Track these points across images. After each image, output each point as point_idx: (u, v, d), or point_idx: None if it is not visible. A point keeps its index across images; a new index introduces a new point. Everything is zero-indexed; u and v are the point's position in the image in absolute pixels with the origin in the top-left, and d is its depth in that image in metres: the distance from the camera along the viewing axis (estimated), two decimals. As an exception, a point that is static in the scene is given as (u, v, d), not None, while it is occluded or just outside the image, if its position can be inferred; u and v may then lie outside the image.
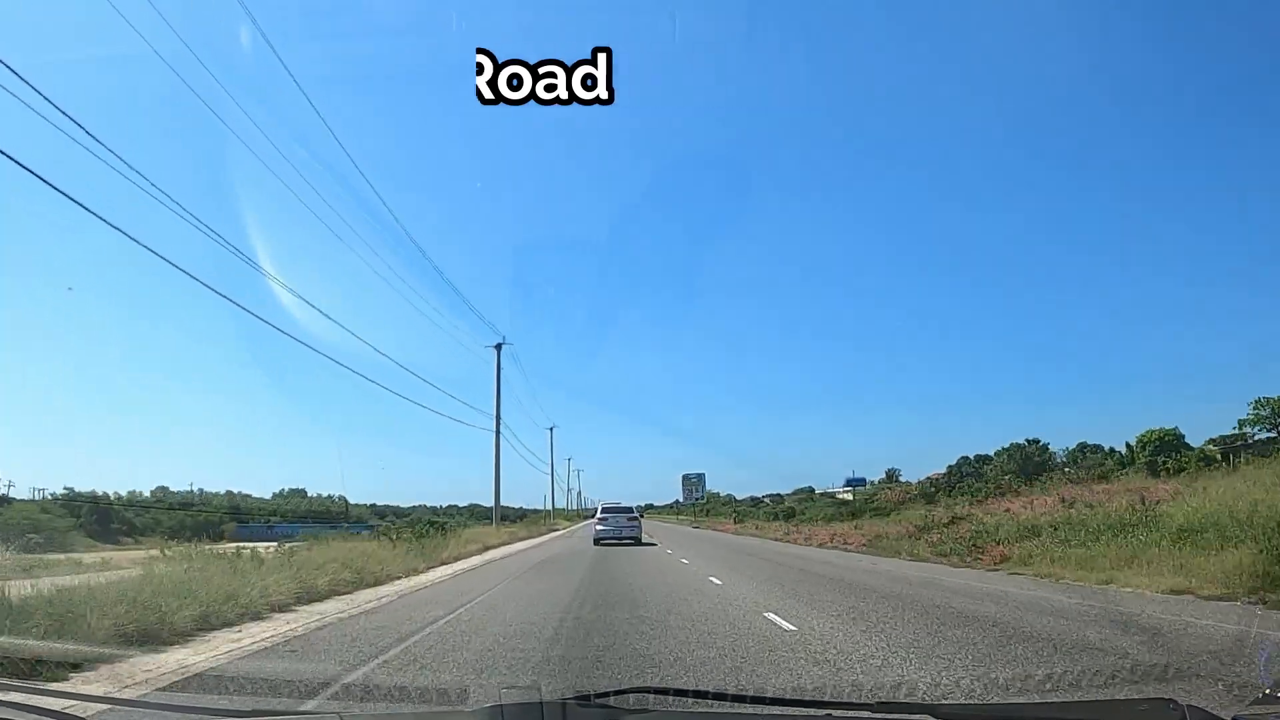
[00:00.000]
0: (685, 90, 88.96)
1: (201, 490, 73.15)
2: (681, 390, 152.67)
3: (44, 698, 3.49)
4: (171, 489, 69.85)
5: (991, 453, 66.16)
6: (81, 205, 10.64)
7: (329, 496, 76.24)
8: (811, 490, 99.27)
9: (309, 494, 78.45)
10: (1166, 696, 2.77)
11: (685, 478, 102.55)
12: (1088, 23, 65.85)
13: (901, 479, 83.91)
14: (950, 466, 69.87)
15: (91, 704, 4.49)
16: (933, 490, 62.90)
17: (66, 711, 2.85)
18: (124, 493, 61.00)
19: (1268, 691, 5.20)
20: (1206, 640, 7.96)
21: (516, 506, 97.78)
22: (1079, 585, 13.61)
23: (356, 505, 76.57)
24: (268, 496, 76.83)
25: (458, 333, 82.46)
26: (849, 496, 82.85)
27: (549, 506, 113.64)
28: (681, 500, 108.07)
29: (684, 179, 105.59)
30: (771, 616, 9.98)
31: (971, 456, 69.54)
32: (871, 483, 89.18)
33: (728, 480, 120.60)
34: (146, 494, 65.24)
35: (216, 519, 54.71)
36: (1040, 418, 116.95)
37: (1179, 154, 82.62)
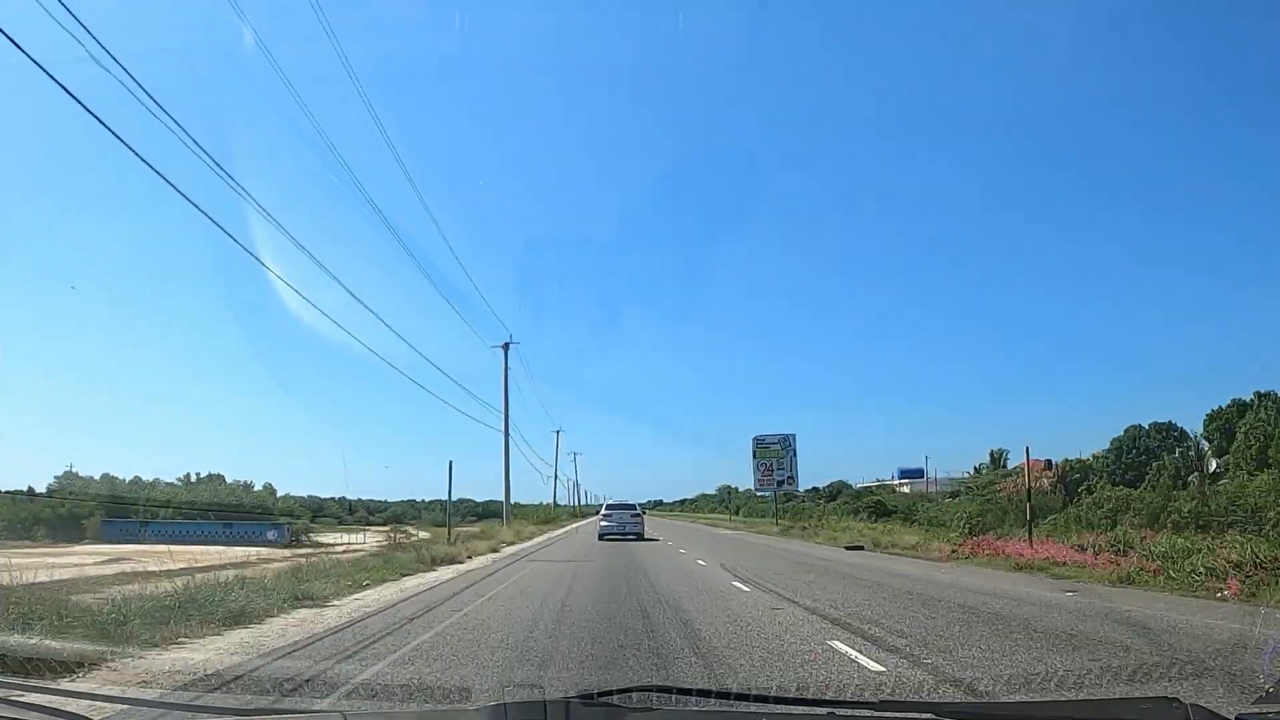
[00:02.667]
0: (692, 85, 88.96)
1: (112, 476, 59.68)
2: (689, 388, 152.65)
3: (58, 698, 3.54)
4: (80, 474, 57.75)
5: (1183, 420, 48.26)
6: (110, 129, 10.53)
7: (247, 484, 64.49)
8: (847, 485, 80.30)
9: (228, 481, 65.12)
10: (1170, 695, 2.77)
11: (760, 445, 58.42)
12: (1109, 17, 65.38)
13: (1009, 464, 65.43)
14: (1115, 440, 51.85)
15: (106, 704, 4.53)
16: (1077, 476, 46.94)
17: (81, 712, 2.88)
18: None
19: (1271, 690, 5.22)
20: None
21: (513, 503, 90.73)
22: None
23: (287, 497, 63.88)
24: (171, 482, 63.51)
25: (457, 322, 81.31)
26: (906, 490, 69.93)
27: (544, 500, 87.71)
28: (755, 488, 64.77)
29: (695, 173, 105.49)
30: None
31: (1146, 426, 50.90)
32: (920, 475, 73.03)
33: (738, 478, 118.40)
34: (52, 479, 53.81)
35: (86, 511, 44.87)
36: (1048, 415, 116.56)
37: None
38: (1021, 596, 12.20)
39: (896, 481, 75.48)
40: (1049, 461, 56.38)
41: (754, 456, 59.11)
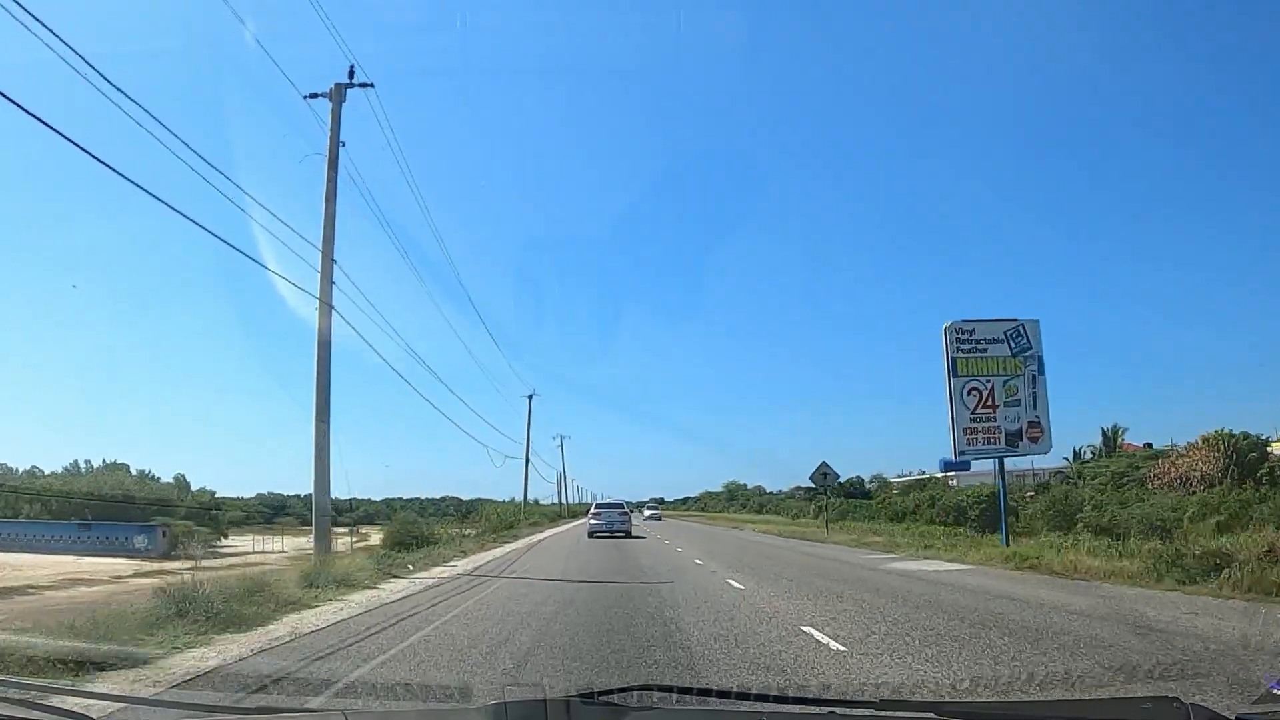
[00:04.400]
0: (693, 85, 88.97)
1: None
2: (689, 387, 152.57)
3: (56, 696, 3.53)
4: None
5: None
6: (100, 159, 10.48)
7: (150, 476, 53.31)
8: (884, 479, 70.11)
9: (132, 471, 53.41)
10: (1170, 695, 2.77)
11: (965, 343, 22.89)
12: (1110, 15, 65.02)
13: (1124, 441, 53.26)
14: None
15: (103, 702, 4.52)
16: (1253, 455, 32.52)
17: (78, 710, 2.88)
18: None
19: (1271, 689, 5.21)
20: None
21: (505, 499, 72.83)
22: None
23: (202, 492, 53.51)
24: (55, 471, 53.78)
25: (463, 332, 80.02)
26: (954, 483, 57.43)
27: (536, 496, 72.60)
28: (956, 450, 23.60)
29: (695, 173, 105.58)
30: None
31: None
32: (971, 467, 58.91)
33: (741, 477, 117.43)
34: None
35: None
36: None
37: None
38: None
39: (941, 474, 63.44)
40: (1148, 444, 47.53)
41: (952, 372, 23.48)
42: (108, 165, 10.50)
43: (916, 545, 25.68)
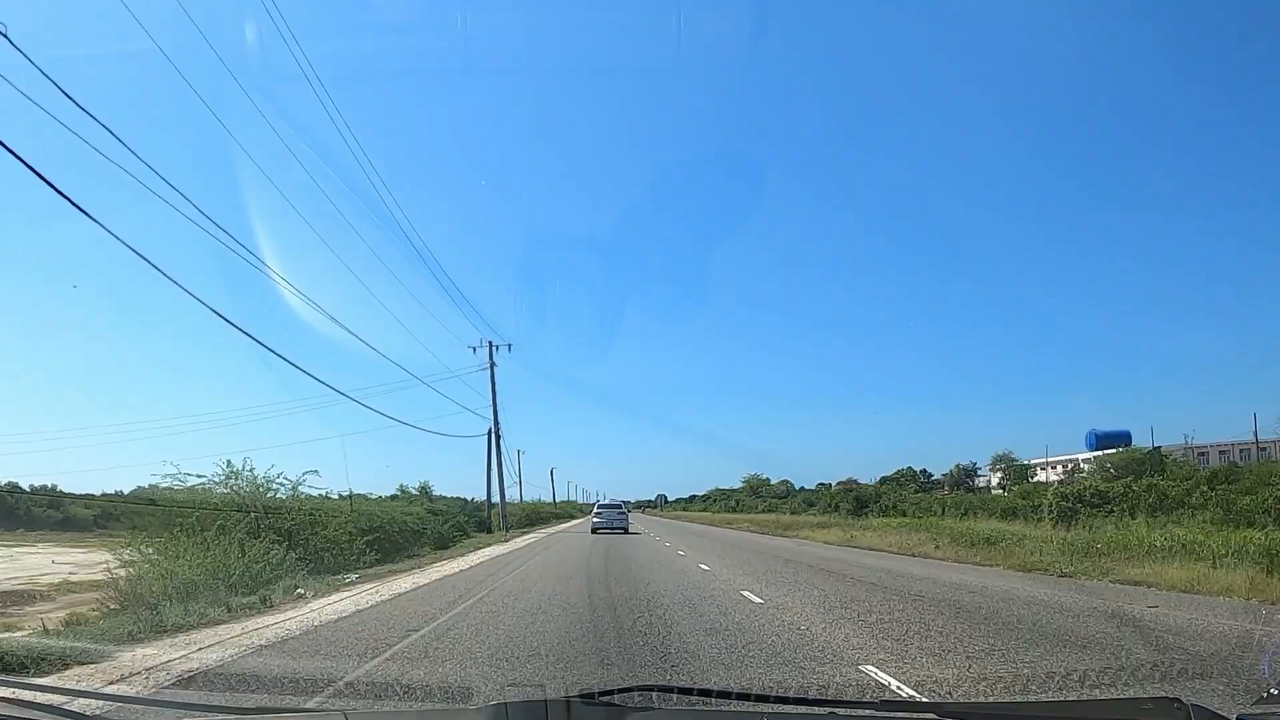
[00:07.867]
0: (692, 87, 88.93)
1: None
2: (690, 385, 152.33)
3: (47, 694, 3.50)
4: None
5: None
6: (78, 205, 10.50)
7: None
8: (1003, 461, 60.69)
9: None
10: (1171, 695, 2.75)
11: None
12: (1096, 23, 65.12)
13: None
14: None
15: (95, 700, 4.49)
16: None
17: (70, 708, 2.85)
18: None
19: (1272, 690, 5.19)
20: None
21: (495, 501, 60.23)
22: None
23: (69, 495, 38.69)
24: None
25: (456, 328, 77.40)
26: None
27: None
28: None
29: (692, 177, 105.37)
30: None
31: None
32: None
33: (738, 475, 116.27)
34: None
35: None
36: (1044, 415, 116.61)
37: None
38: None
39: (1089, 455, 50.67)
40: None
41: None
42: None
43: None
